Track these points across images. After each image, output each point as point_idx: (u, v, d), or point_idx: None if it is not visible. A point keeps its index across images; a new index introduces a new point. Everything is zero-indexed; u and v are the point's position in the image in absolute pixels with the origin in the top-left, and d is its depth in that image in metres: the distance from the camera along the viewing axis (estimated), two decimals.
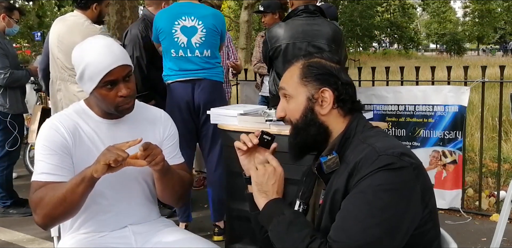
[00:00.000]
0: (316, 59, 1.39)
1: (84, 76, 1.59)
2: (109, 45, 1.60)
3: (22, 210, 3.88)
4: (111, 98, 1.60)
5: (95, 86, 1.59)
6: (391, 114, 3.80)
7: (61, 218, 1.57)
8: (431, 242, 1.26)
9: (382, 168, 1.17)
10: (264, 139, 1.47)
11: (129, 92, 1.61)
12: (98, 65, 1.55)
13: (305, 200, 1.44)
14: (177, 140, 1.86)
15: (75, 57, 1.62)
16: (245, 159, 1.50)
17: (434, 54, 47.62)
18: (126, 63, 1.61)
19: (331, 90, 1.34)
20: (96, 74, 1.56)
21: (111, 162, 1.41)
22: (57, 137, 1.60)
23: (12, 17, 3.97)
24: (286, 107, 1.40)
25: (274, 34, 2.97)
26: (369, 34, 41.36)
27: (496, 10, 42.73)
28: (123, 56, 1.61)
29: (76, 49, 1.63)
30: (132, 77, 1.66)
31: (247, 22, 18.06)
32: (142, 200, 1.78)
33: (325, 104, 1.34)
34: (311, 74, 1.36)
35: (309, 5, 2.94)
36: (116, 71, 1.57)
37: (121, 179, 1.69)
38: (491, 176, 4.41)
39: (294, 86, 1.37)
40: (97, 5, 3.29)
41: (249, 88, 5.04)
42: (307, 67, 1.37)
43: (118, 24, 5.62)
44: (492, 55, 35.55)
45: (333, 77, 1.35)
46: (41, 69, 3.64)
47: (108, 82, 1.58)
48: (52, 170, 1.56)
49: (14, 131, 3.86)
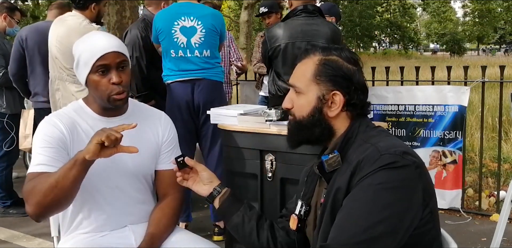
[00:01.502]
0: (334, 57, 1.34)
1: (80, 63, 1.62)
2: (107, 35, 1.67)
3: (22, 210, 3.87)
4: (104, 85, 1.61)
5: (88, 71, 1.61)
6: (391, 114, 3.79)
7: (53, 207, 1.50)
8: (431, 243, 1.25)
9: (384, 167, 1.17)
10: (180, 161, 1.54)
11: (121, 81, 1.62)
12: (92, 49, 1.60)
13: (307, 201, 1.44)
14: (176, 145, 1.85)
15: (74, 48, 1.65)
16: (193, 185, 1.59)
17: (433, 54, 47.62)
18: (121, 51, 1.63)
19: (342, 94, 1.31)
20: (90, 58, 1.59)
21: (104, 139, 1.36)
22: (55, 132, 1.60)
23: (13, 17, 3.98)
24: (295, 100, 1.37)
25: (273, 34, 2.97)
26: (369, 34, 41.34)
27: (496, 10, 42.68)
28: (118, 44, 1.64)
29: (76, 41, 1.67)
30: (127, 69, 1.67)
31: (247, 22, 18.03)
32: (142, 199, 1.78)
33: (334, 107, 1.32)
34: (326, 74, 1.32)
35: (308, 5, 2.95)
36: (109, 56, 1.60)
37: (120, 178, 1.70)
38: (491, 176, 4.41)
39: (306, 83, 1.34)
40: (95, 5, 3.29)
41: (249, 88, 5.04)
42: (323, 65, 1.33)
43: (118, 24, 5.62)
44: (492, 55, 35.54)
45: (347, 80, 1.32)
46: (12, 74, 3.66)
47: (100, 66, 1.60)
48: (49, 162, 1.55)
49: (12, 132, 3.86)
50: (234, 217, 1.54)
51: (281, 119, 2.11)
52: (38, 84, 3.61)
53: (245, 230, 1.53)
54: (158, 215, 1.74)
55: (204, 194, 1.58)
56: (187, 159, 1.55)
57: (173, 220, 1.78)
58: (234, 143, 2.32)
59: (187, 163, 1.55)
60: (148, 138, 1.77)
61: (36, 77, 3.62)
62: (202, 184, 1.58)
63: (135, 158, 1.70)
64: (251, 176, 2.29)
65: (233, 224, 1.55)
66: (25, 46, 3.58)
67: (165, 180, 1.80)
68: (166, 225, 1.74)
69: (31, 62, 3.60)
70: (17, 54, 3.61)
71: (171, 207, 1.77)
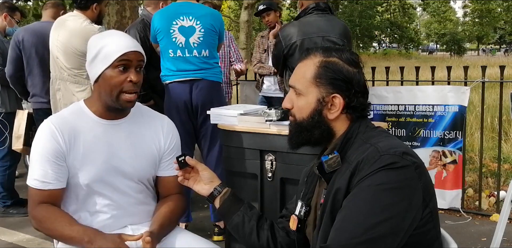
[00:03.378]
0: (335, 59, 1.33)
1: (99, 56, 1.60)
2: (127, 35, 1.71)
3: (22, 210, 3.87)
4: (120, 81, 1.60)
5: (107, 65, 1.59)
6: (391, 114, 3.79)
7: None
8: (431, 243, 1.25)
9: (384, 167, 1.17)
10: (181, 161, 1.55)
11: (138, 80, 1.63)
12: (117, 44, 1.60)
13: (307, 201, 1.44)
14: (178, 151, 1.83)
15: (92, 42, 1.65)
16: (194, 185, 1.60)
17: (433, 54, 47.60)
18: (142, 53, 1.65)
19: (342, 97, 1.31)
20: (113, 53, 1.58)
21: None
22: (52, 143, 1.60)
23: (13, 17, 3.99)
24: (295, 101, 1.37)
25: (288, 32, 3.03)
26: (369, 34, 41.36)
27: (496, 10, 42.73)
28: (139, 46, 1.67)
29: (93, 37, 1.68)
30: (141, 71, 1.68)
31: (247, 22, 18.04)
32: (143, 200, 1.78)
33: (334, 110, 1.32)
34: (326, 76, 1.31)
35: (320, 3, 3.03)
36: (132, 54, 1.61)
37: (121, 181, 1.69)
38: (491, 176, 4.41)
39: (306, 85, 1.34)
40: (97, 5, 3.29)
41: (249, 88, 5.04)
42: (324, 68, 1.32)
43: (118, 24, 5.62)
44: (492, 55, 35.55)
45: (347, 83, 1.31)
46: (9, 75, 3.65)
47: (122, 63, 1.59)
48: (48, 179, 1.59)
49: (6, 131, 3.85)
50: (234, 217, 1.54)
51: (281, 119, 2.11)
52: (36, 85, 3.61)
53: (245, 230, 1.53)
54: (164, 210, 1.74)
55: (204, 193, 1.58)
56: (188, 158, 1.55)
57: (177, 217, 1.79)
58: (234, 143, 2.32)
59: (188, 163, 1.56)
60: (149, 143, 1.75)
61: (34, 78, 3.62)
62: (203, 184, 1.58)
63: (134, 163, 1.70)
64: (251, 176, 2.29)
65: (234, 224, 1.55)
66: (21, 48, 3.58)
67: (168, 186, 1.81)
68: (171, 219, 1.74)
69: (29, 63, 3.60)
70: (14, 55, 3.61)
71: (177, 204, 1.78)
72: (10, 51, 3.64)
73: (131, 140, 1.64)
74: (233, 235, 1.59)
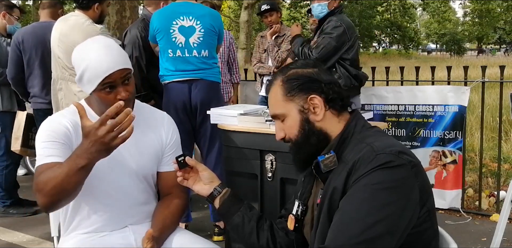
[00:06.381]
0: (292, 71, 1.39)
1: (83, 79, 1.59)
2: (109, 47, 1.59)
3: (22, 210, 3.87)
4: (110, 100, 1.57)
5: (94, 88, 1.58)
6: (391, 114, 3.80)
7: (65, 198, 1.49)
8: (429, 242, 1.26)
9: (380, 167, 1.17)
10: (181, 161, 1.55)
11: (128, 95, 1.60)
12: (97, 68, 1.54)
13: (304, 201, 1.44)
14: (179, 147, 1.84)
15: (75, 59, 1.61)
16: (194, 185, 1.60)
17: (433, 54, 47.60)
18: (125, 67, 1.60)
19: (318, 95, 1.34)
20: (95, 78, 1.55)
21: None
22: (59, 127, 1.60)
23: (12, 14, 3.98)
24: (283, 126, 1.40)
25: (351, 24, 3.37)
26: (369, 34, 41.31)
27: (496, 10, 42.70)
28: (122, 59, 1.60)
29: (76, 50, 1.62)
30: (131, 80, 1.64)
31: (247, 22, 18.06)
32: (142, 200, 1.78)
33: (318, 110, 1.34)
34: (293, 86, 1.36)
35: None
36: (115, 74, 1.56)
37: (123, 178, 1.69)
38: (491, 176, 4.41)
39: (282, 105, 1.37)
40: (98, 5, 3.29)
41: (249, 88, 5.04)
42: (287, 82, 1.37)
43: (118, 24, 5.63)
44: (493, 55, 35.56)
45: (314, 82, 1.35)
46: (11, 77, 3.65)
47: (107, 85, 1.57)
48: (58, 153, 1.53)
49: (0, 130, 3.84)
50: (234, 217, 1.54)
51: None
52: (36, 86, 3.61)
53: (245, 231, 1.53)
54: (165, 212, 1.73)
55: (204, 194, 1.58)
56: (187, 158, 1.55)
57: (178, 218, 1.78)
58: (234, 143, 2.32)
59: (187, 163, 1.56)
60: (151, 140, 1.76)
61: (34, 79, 3.62)
62: (203, 184, 1.59)
63: (138, 159, 1.70)
64: (251, 176, 2.29)
65: (234, 224, 1.55)
66: (21, 49, 3.58)
67: (169, 181, 1.79)
68: (172, 221, 1.74)
69: (29, 64, 3.60)
70: (14, 57, 3.61)
71: (177, 205, 1.77)
72: (11, 53, 3.64)
73: (134, 137, 1.64)
74: (233, 235, 1.59)
